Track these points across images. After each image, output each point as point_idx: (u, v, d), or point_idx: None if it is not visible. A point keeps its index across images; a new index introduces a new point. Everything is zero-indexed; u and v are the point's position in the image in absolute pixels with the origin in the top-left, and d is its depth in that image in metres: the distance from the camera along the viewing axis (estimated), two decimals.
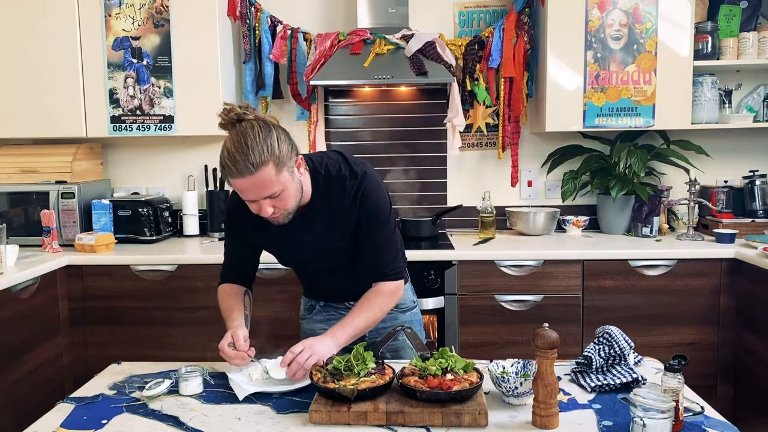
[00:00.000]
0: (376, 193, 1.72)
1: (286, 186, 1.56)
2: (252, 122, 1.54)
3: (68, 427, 1.43)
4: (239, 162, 1.48)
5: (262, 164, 1.49)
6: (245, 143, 1.49)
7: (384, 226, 1.74)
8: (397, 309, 1.90)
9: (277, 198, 1.56)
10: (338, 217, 1.71)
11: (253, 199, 1.56)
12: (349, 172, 1.70)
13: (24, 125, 3.12)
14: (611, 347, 1.62)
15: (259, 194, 1.54)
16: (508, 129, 3.29)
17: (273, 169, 1.51)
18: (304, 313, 1.99)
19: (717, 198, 3.21)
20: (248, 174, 1.49)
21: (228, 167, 1.51)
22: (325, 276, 1.86)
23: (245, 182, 1.51)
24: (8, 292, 2.50)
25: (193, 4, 3.04)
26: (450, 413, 1.37)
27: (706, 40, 3.05)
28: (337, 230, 1.73)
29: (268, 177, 1.51)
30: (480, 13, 3.35)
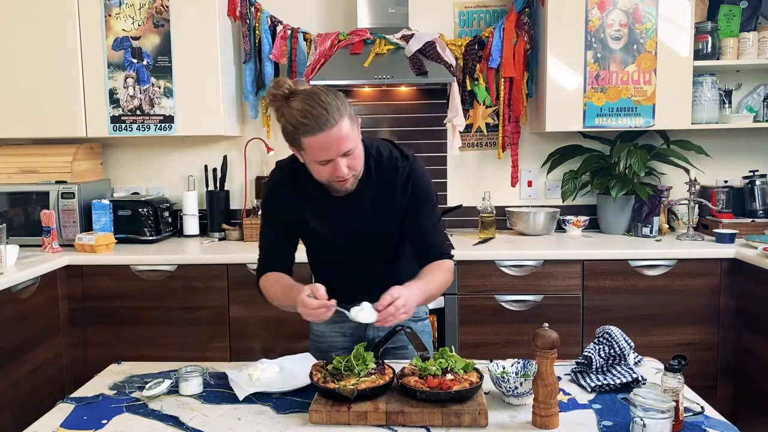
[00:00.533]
0: (427, 176, 1.74)
1: (357, 143, 1.56)
2: (315, 87, 1.54)
3: (68, 427, 1.43)
4: (320, 116, 1.47)
5: (340, 116, 1.49)
6: (320, 99, 1.48)
7: (435, 209, 1.75)
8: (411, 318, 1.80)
9: (351, 156, 1.55)
10: (388, 198, 1.69)
11: (330, 158, 1.52)
12: (399, 155, 1.71)
13: (24, 125, 3.12)
14: (611, 347, 1.62)
15: (339, 149, 1.51)
16: (508, 129, 3.29)
17: (348, 123, 1.51)
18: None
19: (717, 198, 3.21)
20: (329, 126, 1.48)
21: (305, 125, 1.48)
22: (351, 267, 1.79)
23: (325, 137, 1.49)
24: (8, 292, 2.50)
25: (193, 4, 3.04)
26: (450, 413, 1.37)
27: (706, 40, 3.05)
28: (385, 211, 1.70)
29: (346, 129, 1.50)
30: (480, 13, 3.35)
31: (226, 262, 2.85)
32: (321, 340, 1.89)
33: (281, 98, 1.54)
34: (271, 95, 1.55)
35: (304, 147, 1.53)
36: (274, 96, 1.54)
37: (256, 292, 2.57)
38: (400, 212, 1.72)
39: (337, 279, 1.82)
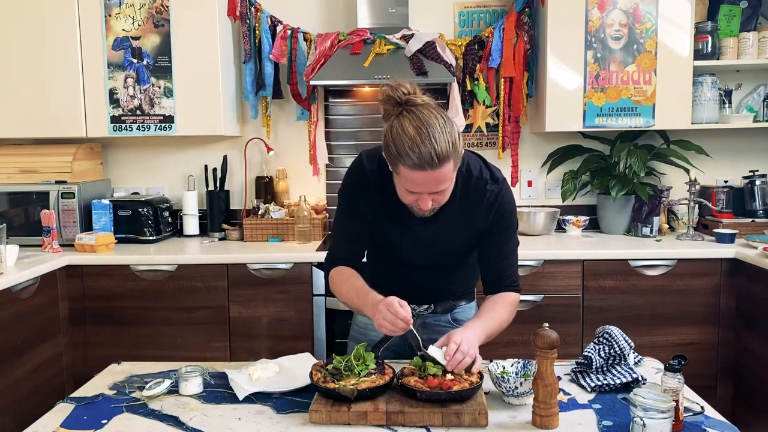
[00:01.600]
0: (513, 202, 1.69)
1: (452, 182, 1.51)
2: (431, 108, 1.45)
3: (68, 427, 1.42)
4: (426, 154, 1.38)
5: (446, 159, 1.41)
6: (433, 135, 1.39)
7: (513, 237, 1.71)
8: (457, 324, 1.82)
9: (440, 193, 1.49)
10: (469, 218, 1.65)
11: (422, 192, 1.47)
12: (490, 176, 1.65)
13: (24, 125, 3.12)
14: (611, 347, 1.62)
15: (432, 188, 1.46)
16: (508, 129, 3.29)
17: (452, 166, 1.44)
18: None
19: (717, 198, 3.21)
20: (431, 168, 1.40)
21: (408, 157, 1.40)
22: (413, 273, 1.76)
23: (424, 176, 1.42)
24: (8, 292, 2.50)
25: (193, 4, 3.04)
26: (450, 413, 1.37)
27: (706, 40, 3.05)
28: (463, 231, 1.67)
29: (446, 172, 1.43)
30: (480, 13, 3.35)
31: (226, 262, 2.85)
32: (363, 332, 1.85)
33: (395, 103, 1.47)
34: (386, 96, 1.48)
35: (399, 172, 1.47)
36: (388, 98, 1.48)
37: (256, 292, 2.61)
38: (479, 234, 1.68)
39: (391, 279, 1.77)
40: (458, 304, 1.86)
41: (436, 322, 1.83)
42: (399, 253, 1.73)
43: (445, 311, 1.84)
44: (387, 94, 1.47)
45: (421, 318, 1.82)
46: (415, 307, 1.75)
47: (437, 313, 1.83)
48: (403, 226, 1.66)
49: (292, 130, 3.45)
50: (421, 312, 1.81)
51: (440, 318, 1.84)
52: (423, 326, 1.82)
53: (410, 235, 1.68)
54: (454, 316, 1.86)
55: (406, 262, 1.75)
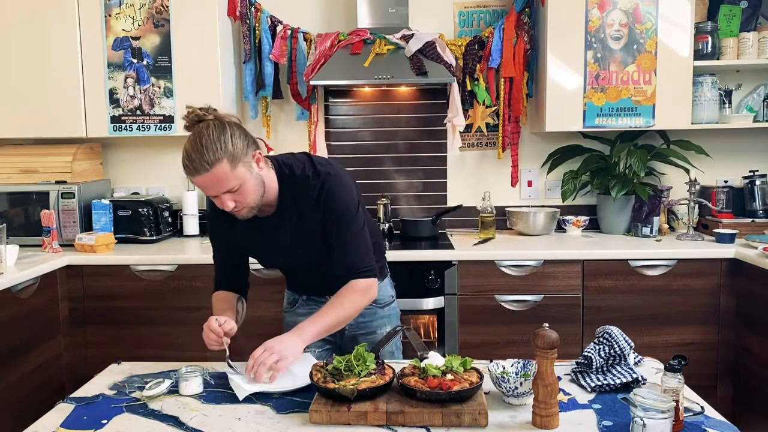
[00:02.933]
0: (341, 192, 1.73)
1: (243, 180, 1.61)
2: (208, 122, 1.61)
3: (68, 427, 1.43)
4: (195, 161, 1.56)
5: (216, 161, 1.56)
6: (200, 142, 1.56)
7: (350, 225, 1.75)
8: (376, 304, 1.94)
9: (237, 192, 1.62)
10: (305, 217, 1.75)
11: (214, 195, 1.63)
12: (312, 172, 1.73)
13: (24, 125, 3.12)
14: (611, 347, 1.62)
15: (218, 189, 1.60)
16: (508, 129, 3.29)
17: (228, 165, 1.57)
18: (287, 306, 2.04)
19: (717, 198, 3.21)
20: (204, 171, 1.56)
21: (186, 167, 1.58)
22: (305, 272, 1.93)
23: (203, 179, 1.58)
24: (8, 292, 2.50)
25: (193, 4, 3.04)
26: (450, 413, 1.37)
27: (706, 40, 3.05)
28: (306, 231, 1.76)
29: (223, 173, 1.57)
30: (480, 13, 3.35)
31: None
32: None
33: (193, 122, 1.63)
34: (187, 120, 1.63)
35: (192, 181, 1.63)
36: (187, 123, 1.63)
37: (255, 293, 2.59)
38: (321, 228, 1.76)
39: (299, 279, 1.99)
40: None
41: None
42: (273, 260, 1.93)
43: None
44: (186, 117, 1.64)
45: None
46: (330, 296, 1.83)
47: None
48: (260, 237, 1.80)
49: (292, 130, 3.45)
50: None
51: None
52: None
53: (268, 244, 1.81)
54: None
55: (289, 266, 1.95)
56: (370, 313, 1.94)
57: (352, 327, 1.93)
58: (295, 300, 2.01)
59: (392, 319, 2.01)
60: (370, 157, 3.42)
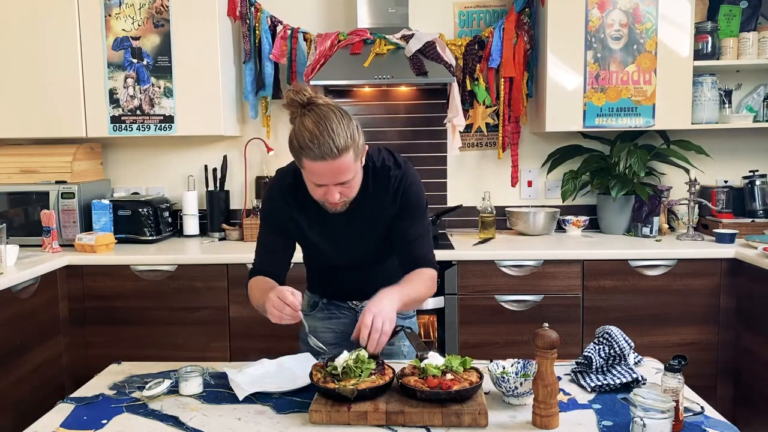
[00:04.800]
0: (419, 185, 1.75)
1: (356, 174, 1.58)
2: (330, 106, 1.53)
3: (68, 427, 1.42)
4: (324, 144, 1.47)
5: (346, 150, 1.50)
6: (330, 127, 1.48)
7: (423, 219, 1.76)
8: (399, 314, 1.85)
9: (347, 185, 1.58)
10: (381, 208, 1.72)
11: (326, 183, 1.55)
12: (393, 163, 1.72)
13: (24, 125, 3.12)
14: (611, 347, 1.62)
15: (335, 179, 1.54)
16: (508, 129, 3.29)
17: (352, 156, 1.53)
18: (307, 308, 1.96)
19: (717, 198, 3.21)
20: (331, 158, 1.49)
21: (309, 149, 1.49)
22: (345, 273, 1.86)
23: (325, 166, 1.50)
24: (8, 292, 2.50)
25: (193, 4, 3.04)
26: (450, 413, 1.37)
27: (706, 40, 3.05)
28: (376, 223, 1.73)
29: (347, 163, 1.52)
30: (480, 13, 3.35)
31: (226, 262, 2.85)
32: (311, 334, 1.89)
33: (298, 105, 1.55)
34: (289, 99, 1.55)
35: (304, 166, 1.55)
36: (291, 101, 1.55)
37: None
38: (391, 223, 1.74)
39: (333, 281, 1.91)
40: None
41: None
42: (326, 257, 1.82)
43: None
44: (290, 98, 1.55)
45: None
46: (357, 302, 1.89)
47: None
48: (322, 226, 1.74)
49: None
50: (363, 306, 1.84)
51: None
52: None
53: (330, 235, 1.76)
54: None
55: (337, 263, 1.84)
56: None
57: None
58: (315, 303, 1.95)
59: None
60: None
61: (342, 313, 1.92)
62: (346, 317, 1.92)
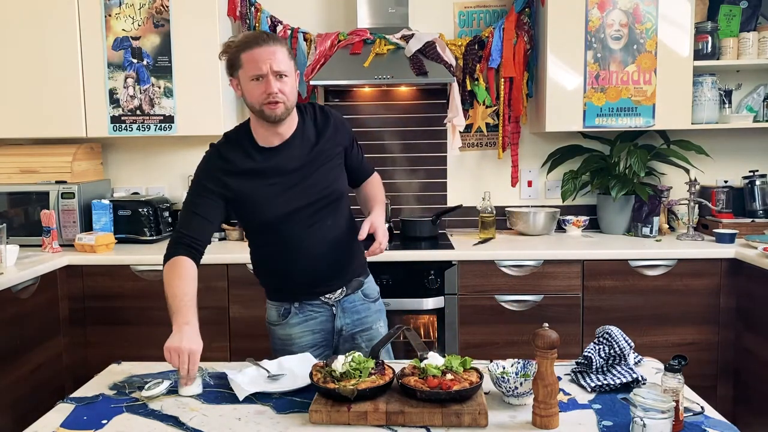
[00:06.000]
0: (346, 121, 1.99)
1: (291, 75, 1.74)
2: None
3: (68, 427, 1.43)
4: (261, 35, 1.72)
5: (278, 43, 1.72)
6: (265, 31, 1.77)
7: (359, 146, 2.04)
8: (368, 299, 2.00)
9: (284, 82, 1.72)
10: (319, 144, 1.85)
11: (264, 72, 1.69)
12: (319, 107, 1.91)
13: (24, 125, 3.12)
14: (611, 347, 1.62)
15: (272, 65, 1.69)
16: (508, 129, 3.29)
17: (287, 53, 1.73)
18: (277, 319, 1.94)
19: (717, 198, 3.21)
20: (265, 43, 1.69)
21: (245, 42, 1.70)
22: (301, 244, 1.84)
23: (261, 50, 1.69)
24: (8, 292, 2.50)
25: (193, 4, 3.04)
26: (450, 413, 1.37)
27: (706, 40, 3.05)
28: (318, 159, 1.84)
29: (283, 53, 1.71)
30: (480, 13, 3.35)
31: (226, 262, 2.85)
32: (289, 343, 1.92)
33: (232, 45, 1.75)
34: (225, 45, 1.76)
35: (242, 63, 1.71)
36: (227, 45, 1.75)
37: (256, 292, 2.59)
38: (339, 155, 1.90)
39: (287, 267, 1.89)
40: (362, 280, 2.00)
41: (351, 304, 1.95)
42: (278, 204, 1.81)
43: (355, 289, 1.97)
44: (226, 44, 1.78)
45: (339, 305, 1.93)
46: (330, 296, 1.92)
47: (349, 294, 1.95)
48: (271, 171, 1.80)
49: None
50: (337, 299, 1.93)
51: (354, 298, 1.96)
52: (343, 312, 1.94)
53: (276, 184, 1.80)
54: (364, 292, 2.00)
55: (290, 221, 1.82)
56: (364, 308, 1.98)
57: (349, 326, 1.95)
58: (286, 311, 1.92)
59: (382, 315, 2.05)
60: (369, 157, 3.41)
61: (317, 312, 1.93)
62: (321, 314, 1.93)
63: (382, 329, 2.01)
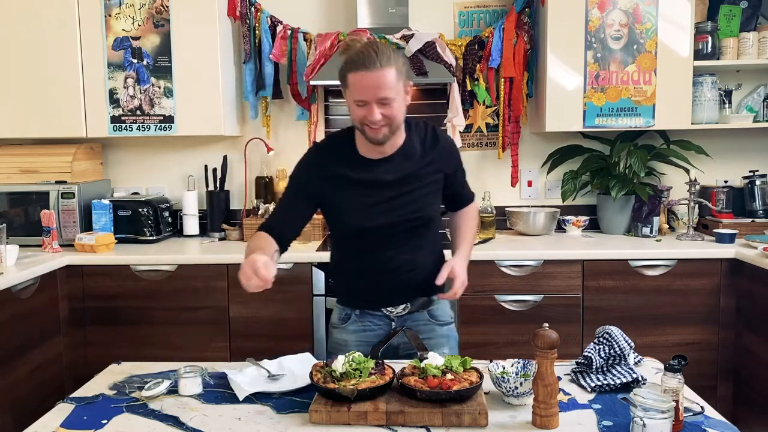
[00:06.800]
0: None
1: (397, 97, 1.64)
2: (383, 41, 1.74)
3: (68, 427, 1.43)
4: (368, 57, 1.59)
5: (389, 65, 1.60)
6: (376, 45, 1.62)
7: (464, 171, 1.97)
8: (435, 321, 1.90)
9: (388, 106, 1.63)
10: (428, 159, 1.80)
11: (368, 100, 1.62)
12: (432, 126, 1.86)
13: (24, 125, 3.12)
14: (611, 347, 1.62)
15: (377, 93, 1.61)
16: (508, 129, 3.29)
17: (395, 75, 1.62)
18: (338, 322, 1.92)
19: (717, 198, 3.21)
20: (374, 68, 1.59)
21: (353, 61, 1.61)
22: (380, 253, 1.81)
23: (369, 76, 1.59)
24: (8, 292, 2.50)
25: (193, 4, 3.04)
26: (450, 413, 1.37)
27: (706, 40, 3.05)
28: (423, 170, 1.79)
29: (390, 78, 1.60)
30: (480, 13, 3.35)
31: (226, 262, 2.85)
32: (344, 348, 1.85)
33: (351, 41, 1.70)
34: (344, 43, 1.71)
35: (348, 84, 1.64)
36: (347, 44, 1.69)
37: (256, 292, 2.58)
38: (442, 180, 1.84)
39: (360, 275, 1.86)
40: (432, 300, 1.89)
41: (414, 323, 1.86)
42: (367, 214, 1.77)
43: (420, 308, 1.87)
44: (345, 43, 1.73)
45: (401, 320, 1.85)
46: (392, 309, 1.85)
47: (413, 312, 1.86)
48: (365, 184, 1.76)
49: (292, 130, 3.44)
50: (398, 314, 1.85)
51: (419, 316, 1.87)
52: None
53: (368, 197, 1.76)
54: (431, 313, 1.89)
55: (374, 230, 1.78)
56: (427, 329, 1.87)
57: (407, 346, 1.84)
58: (347, 316, 1.89)
59: (449, 341, 1.92)
60: None
61: (376, 324, 1.87)
62: (380, 327, 1.87)
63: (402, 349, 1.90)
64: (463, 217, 2.00)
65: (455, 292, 1.72)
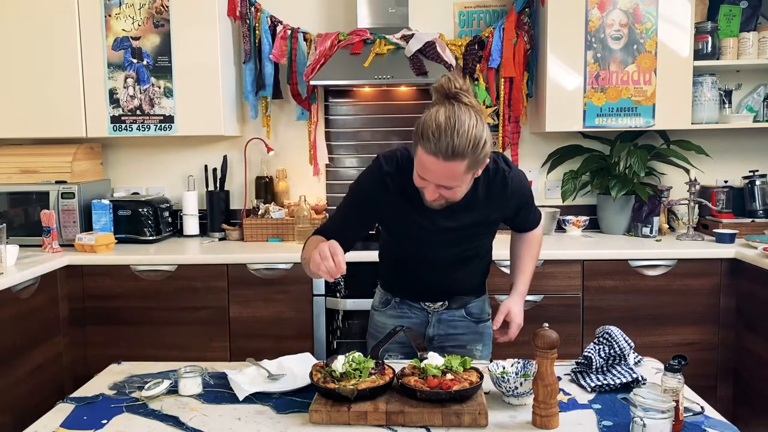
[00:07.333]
0: (524, 176, 1.81)
1: (462, 184, 1.55)
2: (472, 108, 1.49)
3: (68, 427, 1.42)
4: (443, 142, 1.44)
5: (461, 156, 1.46)
6: (458, 127, 1.44)
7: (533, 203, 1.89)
8: (471, 317, 1.92)
9: (449, 190, 1.54)
10: (494, 207, 1.72)
11: (430, 180, 1.52)
12: (504, 163, 1.73)
13: (24, 125, 3.12)
14: (611, 347, 1.62)
15: (441, 180, 1.51)
16: (508, 129, 3.29)
17: (465, 166, 1.48)
18: (379, 305, 1.94)
19: (717, 198, 3.21)
20: (444, 158, 1.45)
21: (428, 140, 1.46)
22: (425, 271, 1.82)
23: (435, 162, 1.47)
24: (8, 292, 2.50)
25: (193, 4, 3.04)
26: (450, 413, 1.37)
27: (706, 40, 3.05)
28: (486, 219, 1.74)
29: (457, 170, 1.48)
30: (480, 13, 3.35)
31: (226, 262, 2.85)
32: (381, 331, 1.89)
33: (444, 93, 1.52)
34: (438, 85, 1.53)
35: (417, 152, 1.52)
36: (440, 87, 1.53)
37: (256, 292, 2.61)
38: (502, 220, 1.81)
39: (406, 278, 1.88)
40: (471, 300, 1.92)
41: (450, 318, 1.90)
42: (421, 244, 1.76)
43: (459, 306, 1.90)
44: (441, 83, 1.52)
45: (436, 314, 1.88)
46: (429, 304, 1.87)
47: (451, 309, 1.90)
48: (420, 217, 1.70)
49: (292, 130, 3.44)
50: (435, 309, 1.88)
51: (455, 313, 1.90)
52: (439, 322, 1.89)
53: (426, 227, 1.71)
54: (468, 310, 1.92)
55: (425, 256, 1.79)
56: (462, 325, 1.90)
57: (441, 337, 1.88)
58: (387, 301, 1.91)
59: (483, 338, 1.94)
60: (370, 158, 3.40)
61: (414, 313, 1.88)
62: (417, 317, 1.88)
63: (477, 353, 1.93)
64: (527, 244, 1.93)
65: (510, 336, 1.74)
